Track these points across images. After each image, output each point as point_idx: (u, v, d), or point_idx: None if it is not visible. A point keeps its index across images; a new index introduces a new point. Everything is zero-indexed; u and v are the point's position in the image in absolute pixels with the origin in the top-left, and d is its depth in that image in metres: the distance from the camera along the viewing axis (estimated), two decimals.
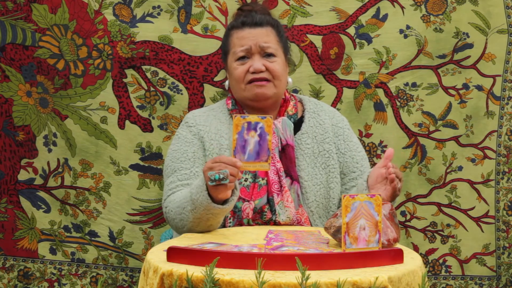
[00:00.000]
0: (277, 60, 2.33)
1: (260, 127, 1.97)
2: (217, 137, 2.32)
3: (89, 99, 2.75)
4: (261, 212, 2.24)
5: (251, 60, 2.31)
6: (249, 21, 2.34)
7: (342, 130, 2.40)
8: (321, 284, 1.48)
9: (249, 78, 2.30)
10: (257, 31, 2.32)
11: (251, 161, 1.99)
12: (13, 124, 2.76)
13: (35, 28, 2.71)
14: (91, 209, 2.79)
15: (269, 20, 2.37)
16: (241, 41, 2.32)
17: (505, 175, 2.80)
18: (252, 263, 1.56)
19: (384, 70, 2.78)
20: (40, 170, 2.78)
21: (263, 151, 1.98)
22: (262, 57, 2.31)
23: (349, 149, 2.37)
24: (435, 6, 2.76)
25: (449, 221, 2.82)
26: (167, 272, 1.60)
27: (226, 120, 2.37)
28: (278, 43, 2.36)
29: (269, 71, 2.30)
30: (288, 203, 2.23)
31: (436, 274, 2.83)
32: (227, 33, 2.40)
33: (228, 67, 2.38)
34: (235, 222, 2.24)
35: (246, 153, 1.98)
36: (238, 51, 2.32)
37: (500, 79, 2.78)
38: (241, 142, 1.97)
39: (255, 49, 2.31)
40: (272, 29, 2.36)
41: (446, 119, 2.80)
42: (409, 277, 1.64)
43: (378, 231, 1.71)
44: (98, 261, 2.82)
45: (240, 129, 1.96)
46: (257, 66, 2.29)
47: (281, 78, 2.33)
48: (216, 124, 2.35)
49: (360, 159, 2.37)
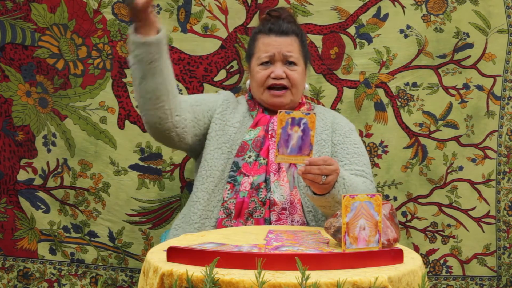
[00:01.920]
0: (298, 69, 2.47)
1: (304, 123, 2.08)
2: (234, 110, 2.50)
3: (88, 99, 2.75)
4: (257, 188, 2.33)
5: (273, 66, 2.46)
6: (276, 28, 2.48)
7: (342, 127, 2.49)
8: (321, 284, 1.48)
9: (269, 83, 2.45)
10: (282, 40, 2.47)
11: (293, 155, 2.10)
12: (13, 124, 2.75)
13: (34, 27, 2.71)
14: (90, 210, 2.79)
15: (294, 29, 2.50)
16: (266, 47, 2.46)
17: (505, 175, 2.80)
18: (252, 263, 1.56)
19: (384, 70, 2.78)
20: (40, 170, 2.78)
21: (305, 146, 2.09)
22: (283, 64, 2.46)
23: (342, 142, 2.45)
24: (435, 6, 2.76)
25: (449, 221, 2.82)
26: (167, 272, 1.60)
27: (244, 104, 2.54)
28: (300, 52, 2.50)
29: (288, 79, 2.45)
30: (284, 183, 2.34)
31: (436, 274, 2.83)
32: (253, 37, 2.53)
33: (251, 69, 2.51)
34: (232, 194, 2.34)
35: (289, 147, 2.09)
36: (262, 56, 2.46)
37: (501, 79, 2.78)
38: (284, 136, 2.08)
39: (278, 56, 2.45)
40: (296, 38, 2.50)
41: (447, 119, 2.80)
42: (409, 277, 1.64)
43: (378, 231, 1.71)
44: (97, 261, 2.81)
45: (284, 124, 2.08)
46: (278, 72, 2.44)
47: (299, 86, 2.48)
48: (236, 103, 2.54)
49: (353, 153, 2.44)
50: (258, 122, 2.45)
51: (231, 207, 2.33)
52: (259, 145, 2.39)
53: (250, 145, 2.40)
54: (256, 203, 2.32)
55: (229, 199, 2.34)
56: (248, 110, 2.51)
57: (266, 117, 2.46)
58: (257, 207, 2.31)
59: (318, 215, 2.34)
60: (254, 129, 2.43)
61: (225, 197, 2.35)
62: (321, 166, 2.09)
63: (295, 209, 2.32)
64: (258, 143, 2.40)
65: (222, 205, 2.34)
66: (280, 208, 2.30)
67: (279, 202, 2.31)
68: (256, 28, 2.57)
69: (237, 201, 2.33)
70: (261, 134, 2.41)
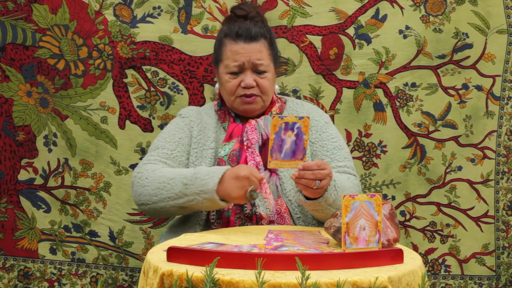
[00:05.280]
0: (267, 76, 2.39)
1: (297, 127, 2.04)
2: (205, 130, 2.42)
3: (89, 99, 2.76)
4: (241, 205, 2.29)
5: (243, 75, 2.37)
6: (244, 34, 2.37)
7: (317, 122, 2.43)
8: (321, 284, 1.48)
9: (240, 93, 2.37)
10: (251, 47, 2.37)
11: (287, 160, 2.06)
12: (13, 124, 2.76)
13: (35, 28, 2.71)
14: (91, 209, 2.79)
15: (263, 32, 2.40)
16: (234, 55, 2.37)
17: (504, 175, 2.81)
18: (252, 263, 1.56)
19: (383, 70, 2.78)
20: (40, 170, 2.78)
21: (299, 150, 2.05)
22: (253, 72, 2.38)
23: (320, 139, 2.41)
24: (434, 7, 2.76)
25: (448, 221, 2.83)
26: (167, 272, 1.60)
27: (214, 116, 2.46)
28: (270, 56, 2.41)
29: (259, 87, 2.37)
30: (267, 195, 2.28)
31: (435, 273, 2.84)
32: (220, 40, 2.42)
33: (220, 76, 2.43)
34: (217, 215, 2.31)
35: (282, 152, 2.05)
36: (231, 65, 2.37)
37: (500, 79, 2.79)
38: (278, 141, 2.04)
39: (248, 65, 2.37)
40: (265, 42, 2.40)
41: (446, 119, 2.80)
42: (409, 277, 1.64)
43: (378, 231, 1.71)
44: (98, 261, 2.82)
45: (277, 129, 2.04)
46: (248, 81, 2.36)
47: (269, 92, 2.41)
48: (205, 119, 2.46)
49: (332, 148, 2.39)
50: (231, 134, 2.38)
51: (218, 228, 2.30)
52: (235, 160, 2.33)
53: (226, 161, 2.33)
54: (242, 219, 2.29)
55: (215, 220, 2.31)
56: (219, 122, 2.44)
57: (239, 127, 2.39)
58: (244, 223, 2.28)
59: (308, 219, 2.31)
60: (229, 142, 2.36)
61: (211, 219, 2.31)
62: (315, 171, 2.05)
63: (283, 219, 2.28)
64: (234, 157, 2.33)
65: (210, 227, 2.31)
66: (268, 221, 2.27)
67: (265, 215, 2.26)
68: (222, 30, 2.45)
69: (223, 221, 2.30)
70: (236, 147, 2.34)
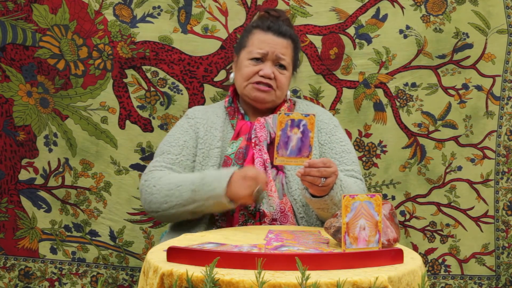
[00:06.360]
0: (286, 73, 2.44)
1: (303, 124, 2.07)
2: (212, 129, 2.43)
3: (89, 99, 2.76)
4: None
5: (263, 64, 2.41)
6: (275, 28, 2.43)
7: (326, 125, 2.46)
8: (321, 284, 1.48)
9: (255, 79, 2.41)
10: (279, 41, 2.42)
11: (293, 157, 2.09)
12: (14, 124, 2.76)
13: (35, 28, 2.72)
14: (91, 209, 2.79)
15: (292, 34, 2.47)
16: (261, 43, 2.42)
17: (504, 175, 2.81)
18: (252, 263, 1.56)
19: (383, 70, 2.79)
20: (41, 170, 2.79)
21: (304, 147, 2.08)
22: (274, 65, 2.42)
23: (329, 141, 2.42)
24: (434, 6, 2.76)
25: (448, 221, 2.83)
26: (167, 272, 1.60)
27: (222, 115, 2.48)
28: (292, 58, 2.47)
29: (276, 80, 2.41)
30: (272, 193, 2.30)
31: (435, 273, 2.84)
32: (249, 30, 2.48)
33: (240, 60, 2.46)
34: (222, 212, 2.31)
35: (288, 149, 2.08)
36: (255, 51, 2.41)
37: (500, 79, 2.79)
38: (284, 138, 2.08)
39: (271, 56, 2.41)
40: (292, 43, 2.46)
41: (446, 119, 2.80)
42: (409, 277, 1.64)
43: (378, 231, 1.71)
44: (98, 260, 2.82)
45: (283, 126, 2.07)
46: (267, 71, 2.39)
47: (284, 89, 2.45)
48: (212, 118, 2.46)
49: (340, 151, 2.41)
50: (239, 132, 2.40)
51: (222, 226, 2.31)
52: (241, 157, 2.34)
53: (232, 159, 2.35)
54: (245, 216, 2.30)
55: (220, 217, 2.33)
56: (227, 119, 2.46)
57: (247, 125, 2.41)
58: (248, 219, 2.30)
59: (311, 220, 2.32)
60: (236, 140, 2.38)
61: (216, 216, 2.33)
62: (320, 168, 2.07)
63: (286, 218, 2.30)
64: (241, 155, 2.35)
65: (214, 223, 2.33)
66: (270, 219, 2.28)
67: (268, 213, 2.27)
68: (253, 22, 2.53)
69: (227, 218, 2.31)
70: (243, 145, 2.36)
